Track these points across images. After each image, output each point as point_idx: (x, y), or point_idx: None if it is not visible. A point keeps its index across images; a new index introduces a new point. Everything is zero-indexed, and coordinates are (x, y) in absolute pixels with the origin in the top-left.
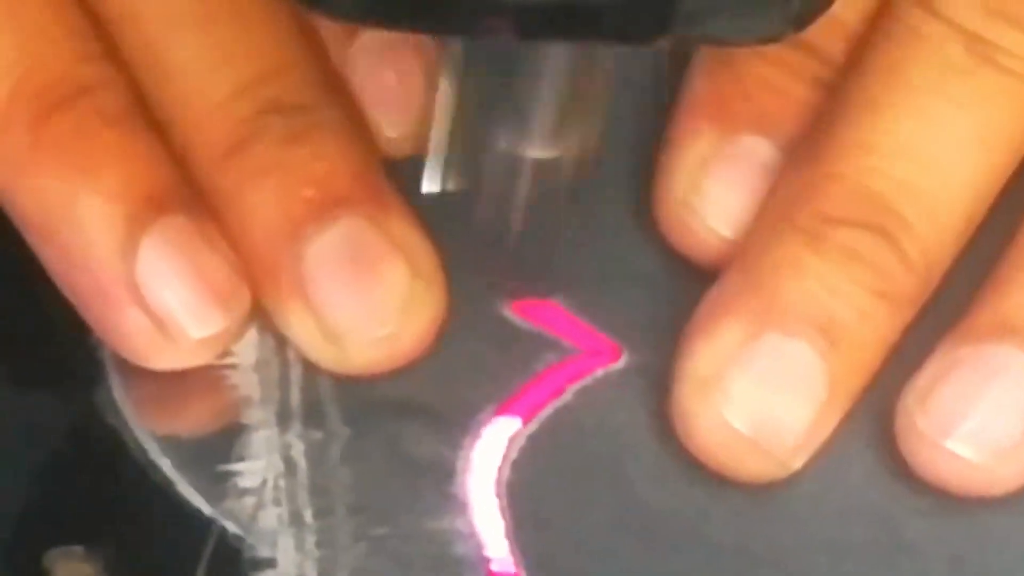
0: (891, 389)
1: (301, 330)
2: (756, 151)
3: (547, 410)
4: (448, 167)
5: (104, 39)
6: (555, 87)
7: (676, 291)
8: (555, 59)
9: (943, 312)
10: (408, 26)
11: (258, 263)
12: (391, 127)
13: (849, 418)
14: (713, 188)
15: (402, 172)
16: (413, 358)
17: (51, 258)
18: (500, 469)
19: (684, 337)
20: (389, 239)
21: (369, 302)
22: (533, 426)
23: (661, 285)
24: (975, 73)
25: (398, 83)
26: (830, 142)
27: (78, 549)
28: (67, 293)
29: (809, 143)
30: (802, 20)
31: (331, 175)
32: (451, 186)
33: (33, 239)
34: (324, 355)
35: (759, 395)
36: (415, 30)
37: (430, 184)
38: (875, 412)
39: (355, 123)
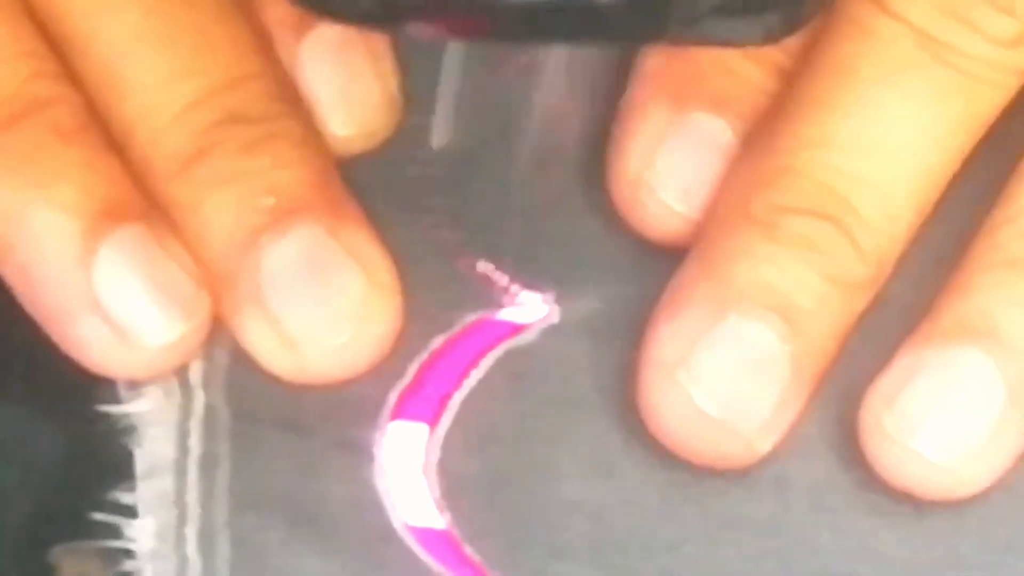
0: (850, 391)
1: (258, 338)
2: (710, 129)
3: None
4: (457, 119)
5: (60, 58)
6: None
7: (637, 277)
8: None
9: (901, 308)
10: (407, 28)
11: (216, 271)
12: (341, 125)
13: (809, 420)
14: (667, 164)
15: (356, 176)
16: (368, 366)
17: (10, 275)
18: None
19: (648, 325)
20: (346, 248)
21: (326, 310)
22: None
23: (621, 271)
24: (926, 69)
25: (348, 81)
26: (784, 136)
27: (85, 545)
28: (29, 308)
29: (763, 136)
30: (799, 21)
31: (289, 184)
32: (459, 138)
33: None
34: (280, 363)
35: (725, 377)
36: (413, 32)
37: (439, 138)
38: (835, 415)
39: (313, 134)
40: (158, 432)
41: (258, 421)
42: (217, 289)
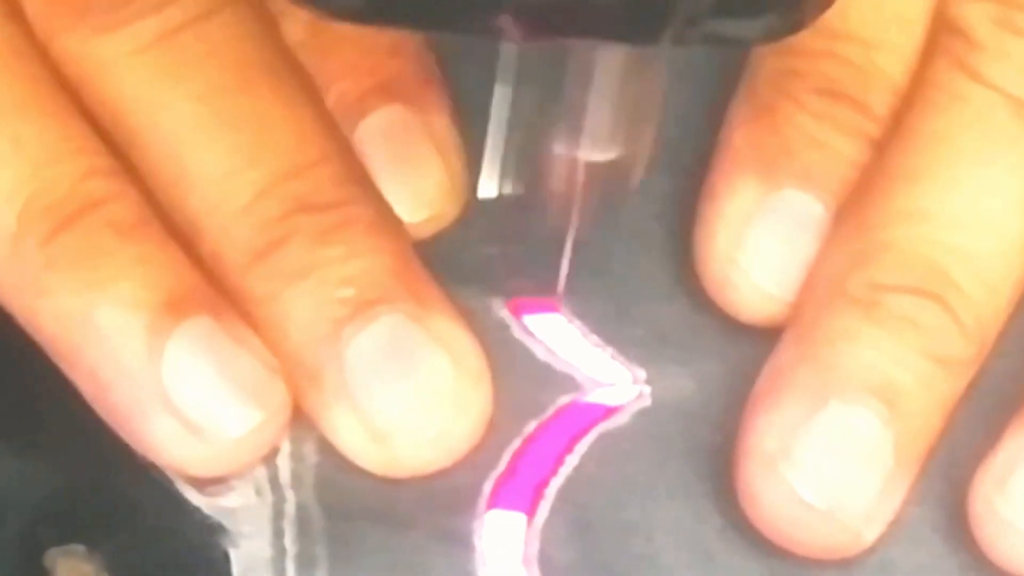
0: (953, 469)
1: (347, 434)
2: (801, 206)
3: None
4: (504, 171)
5: (117, 153)
6: (608, 90)
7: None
8: (608, 62)
9: (1002, 380)
10: (412, 25)
11: (299, 368)
12: (408, 212)
13: (912, 500)
14: (758, 243)
15: (429, 258)
16: (462, 456)
17: (79, 379)
18: None
19: (745, 413)
20: (431, 335)
21: (415, 401)
22: None
23: (711, 351)
24: (1022, 138)
25: (410, 165)
26: (879, 210)
27: (79, 548)
28: (102, 413)
29: (857, 210)
30: (803, 20)
31: (367, 272)
32: (507, 190)
33: (60, 361)
34: (371, 458)
35: (828, 467)
36: (418, 29)
37: (486, 189)
38: (938, 494)
39: (387, 214)
40: (251, 530)
41: (352, 518)
42: (299, 384)
